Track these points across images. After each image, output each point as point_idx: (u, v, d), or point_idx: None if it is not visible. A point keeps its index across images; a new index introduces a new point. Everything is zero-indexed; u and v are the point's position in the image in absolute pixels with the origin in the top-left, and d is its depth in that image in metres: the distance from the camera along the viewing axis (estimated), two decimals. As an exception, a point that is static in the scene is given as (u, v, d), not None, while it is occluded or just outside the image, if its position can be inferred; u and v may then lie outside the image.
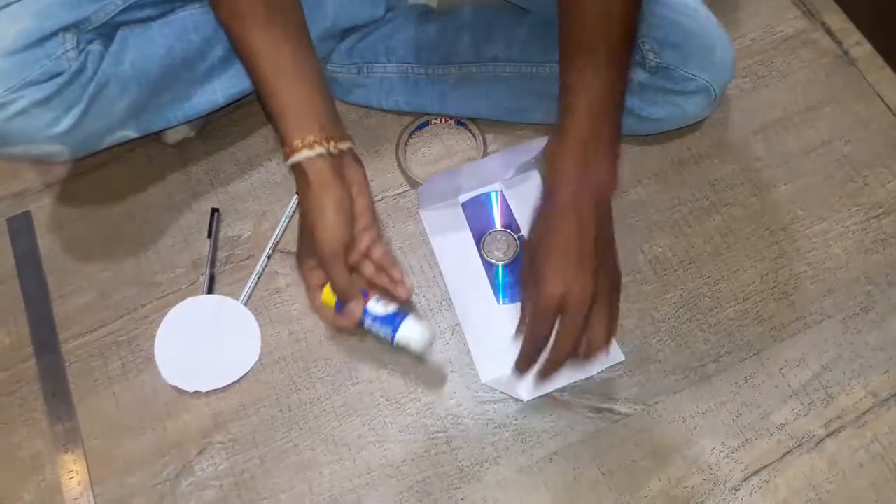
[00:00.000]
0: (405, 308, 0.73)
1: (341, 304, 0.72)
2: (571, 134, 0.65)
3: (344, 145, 0.70)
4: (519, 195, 0.87)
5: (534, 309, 0.65)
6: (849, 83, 0.94)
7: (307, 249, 0.72)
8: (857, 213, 0.86)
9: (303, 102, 0.69)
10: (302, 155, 0.68)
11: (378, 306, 0.72)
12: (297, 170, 0.69)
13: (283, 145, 0.69)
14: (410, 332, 0.72)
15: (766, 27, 0.97)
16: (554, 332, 0.65)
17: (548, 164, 0.67)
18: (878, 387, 0.78)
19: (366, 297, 0.72)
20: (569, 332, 0.64)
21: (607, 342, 0.66)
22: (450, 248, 0.85)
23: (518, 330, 0.68)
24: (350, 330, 0.74)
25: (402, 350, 0.81)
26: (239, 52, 0.70)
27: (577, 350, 0.66)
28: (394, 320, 0.72)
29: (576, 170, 0.65)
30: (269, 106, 0.70)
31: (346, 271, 0.70)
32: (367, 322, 0.72)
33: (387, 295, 0.73)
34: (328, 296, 0.72)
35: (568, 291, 0.63)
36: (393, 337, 0.72)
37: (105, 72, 0.73)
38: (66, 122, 0.72)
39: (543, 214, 0.67)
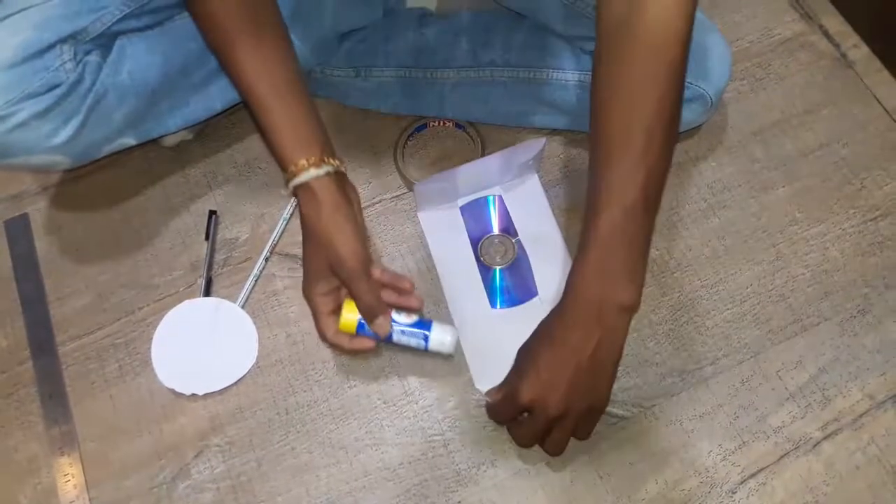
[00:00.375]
0: (420, 314, 0.75)
1: (369, 321, 0.72)
2: (592, 249, 0.63)
3: (343, 164, 0.72)
4: (517, 199, 0.87)
5: (502, 395, 0.70)
6: (846, 86, 0.94)
7: (318, 274, 0.71)
8: (854, 216, 0.86)
9: (301, 121, 0.70)
10: (310, 174, 0.68)
11: (402, 317, 0.73)
12: (304, 189, 0.69)
13: (285, 165, 0.69)
14: (442, 336, 0.74)
15: (764, 30, 0.97)
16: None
17: (569, 274, 0.66)
18: (874, 389, 0.78)
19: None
20: (527, 432, 0.70)
21: (557, 454, 0.71)
22: (447, 251, 0.85)
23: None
24: (370, 350, 0.75)
25: (401, 353, 0.81)
26: (230, 72, 0.71)
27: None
28: (422, 328, 0.74)
29: (591, 287, 0.64)
30: (266, 126, 0.70)
31: (373, 286, 0.71)
32: (395, 335, 0.73)
33: (399, 308, 0.74)
34: (347, 322, 0.73)
35: (535, 400, 0.66)
36: (426, 345, 0.74)
37: (103, 82, 0.73)
38: (64, 133, 0.72)
39: (550, 319, 0.68)
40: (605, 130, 0.64)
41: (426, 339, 0.74)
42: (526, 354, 0.69)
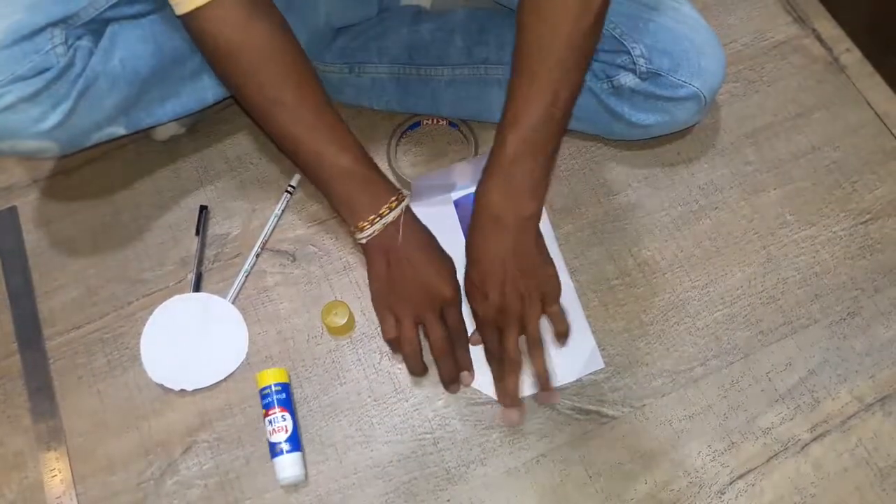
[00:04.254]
0: None
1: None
2: (498, 166, 0.70)
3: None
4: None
5: (479, 330, 0.77)
6: (838, 90, 0.94)
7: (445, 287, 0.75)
8: (844, 219, 0.87)
9: (371, 165, 0.73)
10: (403, 204, 0.73)
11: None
12: (397, 223, 0.73)
13: (377, 206, 0.72)
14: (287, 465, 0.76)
15: (758, 33, 0.98)
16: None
17: (479, 185, 0.72)
18: (863, 392, 0.79)
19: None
20: (507, 338, 0.73)
21: (537, 352, 0.75)
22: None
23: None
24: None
25: (392, 351, 0.81)
26: (285, 145, 0.73)
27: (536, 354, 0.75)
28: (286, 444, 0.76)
29: (497, 202, 0.70)
30: (338, 185, 0.72)
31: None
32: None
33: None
34: (339, 327, 0.80)
35: (496, 313, 0.73)
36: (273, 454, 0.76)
37: (94, 68, 0.72)
38: (53, 119, 0.71)
39: (469, 240, 0.74)
40: (523, 55, 0.68)
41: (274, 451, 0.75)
42: (466, 283, 0.75)
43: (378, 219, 0.72)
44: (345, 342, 0.81)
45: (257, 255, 0.85)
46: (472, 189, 0.86)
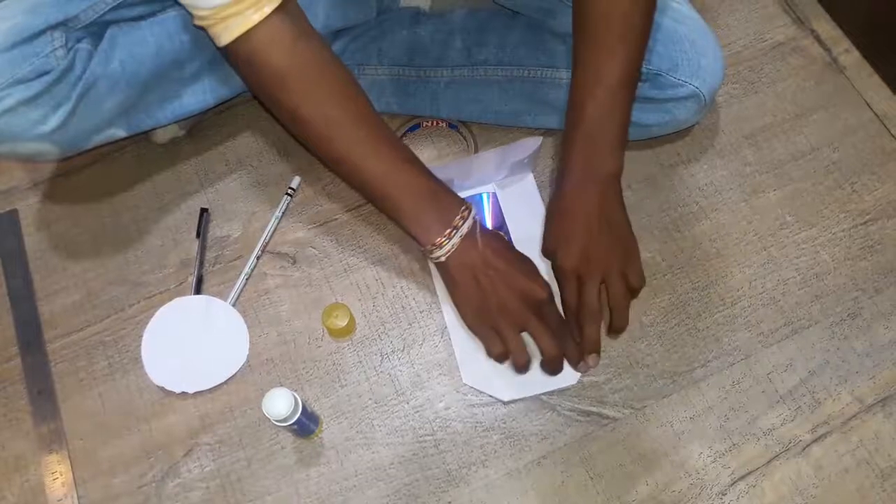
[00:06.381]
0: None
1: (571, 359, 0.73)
2: (579, 129, 0.70)
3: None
4: (511, 197, 0.87)
5: (558, 282, 0.72)
6: (837, 90, 0.94)
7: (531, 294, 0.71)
8: (844, 220, 0.87)
9: (434, 178, 0.71)
10: (473, 214, 0.70)
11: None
12: (472, 235, 0.70)
13: (442, 225, 0.69)
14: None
15: (756, 34, 0.98)
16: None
17: (561, 152, 0.72)
18: (864, 393, 0.79)
19: None
20: (590, 289, 0.70)
21: (624, 302, 0.71)
22: None
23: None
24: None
25: (392, 353, 0.81)
26: (345, 167, 0.71)
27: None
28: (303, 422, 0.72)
29: (581, 160, 0.70)
30: (407, 201, 0.70)
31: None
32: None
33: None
34: (340, 329, 0.76)
35: (578, 265, 0.69)
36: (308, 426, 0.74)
37: (94, 71, 0.72)
38: (53, 121, 0.71)
39: (554, 200, 0.72)
40: (587, 17, 0.69)
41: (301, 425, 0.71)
42: (549, 237, 0.72)
43: (454, 232, 0.69)
44: (345, 344, 0.82)
45: (258, 258, 0.85)
46: (473, 190, 0.87)
